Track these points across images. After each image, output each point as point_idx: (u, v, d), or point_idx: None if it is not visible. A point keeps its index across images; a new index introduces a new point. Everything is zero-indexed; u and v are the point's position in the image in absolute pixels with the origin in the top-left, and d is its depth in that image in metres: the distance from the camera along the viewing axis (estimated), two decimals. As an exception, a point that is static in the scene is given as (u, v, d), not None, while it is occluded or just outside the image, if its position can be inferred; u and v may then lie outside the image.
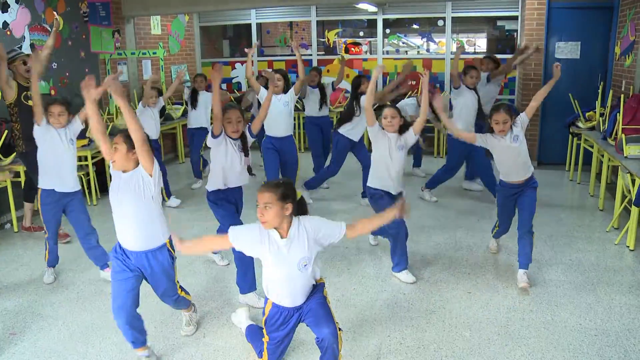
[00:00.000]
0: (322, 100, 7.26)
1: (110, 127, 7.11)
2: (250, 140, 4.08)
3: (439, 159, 8.53)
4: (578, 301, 3.91)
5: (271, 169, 6.03)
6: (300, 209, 2.84)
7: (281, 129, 6.00)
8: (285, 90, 6.02)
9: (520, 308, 3.82)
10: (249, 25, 10.14)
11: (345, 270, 4.58)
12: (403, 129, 4.33)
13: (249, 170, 4.15)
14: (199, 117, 7.36)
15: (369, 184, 4.52)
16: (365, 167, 6.36)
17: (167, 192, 6.55)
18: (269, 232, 2.76)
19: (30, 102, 5.15)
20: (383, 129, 4.32)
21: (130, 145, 3.06)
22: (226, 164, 3.96)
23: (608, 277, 4.31)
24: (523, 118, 4.50)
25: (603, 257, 4.73)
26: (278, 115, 5.91)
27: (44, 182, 4.35)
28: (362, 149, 6.37)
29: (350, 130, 6.14)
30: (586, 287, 4.14)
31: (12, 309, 4.03)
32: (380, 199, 4.37)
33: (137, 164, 3.09)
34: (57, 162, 4.32)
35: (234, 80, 10.41)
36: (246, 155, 4.01)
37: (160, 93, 6.71)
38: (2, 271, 4.72)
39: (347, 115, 6.13)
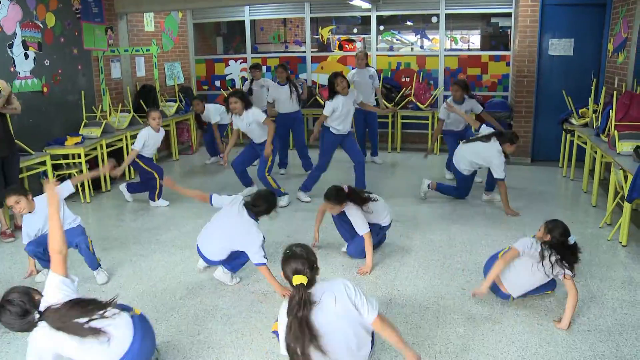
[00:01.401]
0: (293, 95, 7.70)
1: (104, 124, 7.10)
2: None
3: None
4: (571, 297, 3.92)
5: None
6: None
7: (256, 137, 6.55)
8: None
9: (514, 304, 3.84)
10: (243, 22, 10.12)
11: (339, 267, 4.59)
12: None
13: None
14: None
15: None
16: (358, 163, 6.38)
17: (158, 195, 6.50)
18: None
19: None
20: None
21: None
22: None
23: (601, 272, 4.33)
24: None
25: (596, 253, 4.75)
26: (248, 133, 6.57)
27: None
28: (352, 145, 6.38)
29: (336, 126, 6.25)
30: (579, 282, 4.15)
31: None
32: None
33: None
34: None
35: (227, 78, 10.38)
36: None
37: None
38: (-5, 269, 4.71)
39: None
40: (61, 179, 6.75)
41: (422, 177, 6.65)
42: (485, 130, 6.15)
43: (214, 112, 8.38)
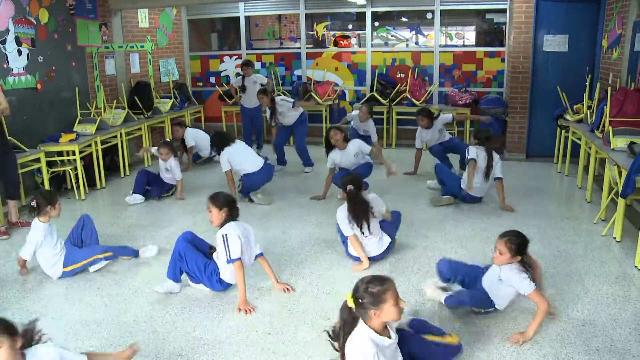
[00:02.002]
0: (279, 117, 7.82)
1: (98, 121, 7.07)
2: None
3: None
4: (566, 292, 3.94)
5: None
6: None
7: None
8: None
9: (509, 299, 3.84)
10: (237, 18, 10.10)
11: (335, 263, 4.59)
12: None
13: None
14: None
15: None
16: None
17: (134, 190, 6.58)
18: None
19: None
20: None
21: None
22: None
23: (595, 268, 4.35)
24: None
25: (590, 248, 4.77)
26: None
27: None
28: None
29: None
30: (573, 278, 4.17)
31: (0, 305, 4.01)
32: None
33: None
34: None
35: (222, 74, 10.37)
36: None
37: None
38: (-10, 267, 4.69)
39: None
40: (55, 176, 6.74)
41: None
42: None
43: (190, 136, 8.06)
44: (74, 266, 4.39)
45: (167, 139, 7.08)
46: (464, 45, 9.75)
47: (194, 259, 3.99)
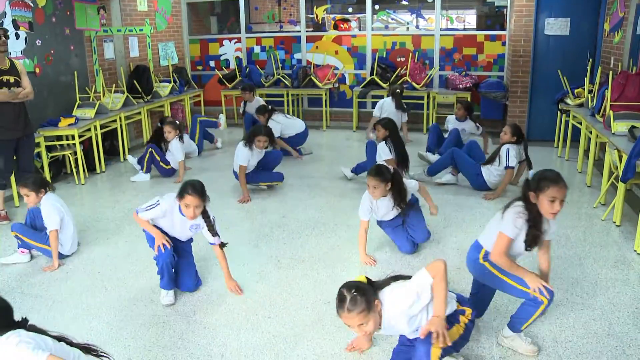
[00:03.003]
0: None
1: (97, 105, 7.05)
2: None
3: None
4: (565, 276, 3.95)
5: None
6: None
7: None
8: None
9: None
10: (237, 1, 10.01)
11: (335, 247, 4.60)
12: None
13: None
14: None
15: None
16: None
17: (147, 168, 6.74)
18: None
19: (4, 89, 5.07)
20: None
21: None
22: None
23: (595, 252, 4.36)
24: None
25: (590, 232, 4.77)
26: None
27: None
28: None
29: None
30: (573, 262, 4.18)
31: (0, 289, 4.02)
32: None
33: None
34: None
35: (222, 58, 10.31)
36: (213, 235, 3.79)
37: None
38: (-10, 251, 4.71)
39: None
40: (55, 161, 6.73)
41: (416, 155, 6.78)
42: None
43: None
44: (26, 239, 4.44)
45: (172, 119, 7.15)
46: (464, 29, 9.70)
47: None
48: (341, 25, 9.95)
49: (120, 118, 7.49)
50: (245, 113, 8.36)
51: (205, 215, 3.68)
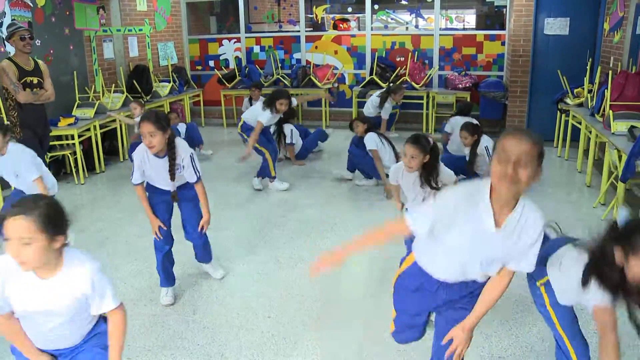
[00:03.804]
0: None
1: (97, 105, 7.05)
2: None
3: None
4: (564, 276, 3.94)
5: None
6: None
7: None
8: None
9: (512, 286, 3.84)
10: (236, 1, 10.00)
11: (335, 247, 4.58)
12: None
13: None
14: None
15: None
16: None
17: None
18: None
19: (27, 90, 5.05)
20: None
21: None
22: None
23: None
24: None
25: (590, 232, 4.76)
26: None
27: None
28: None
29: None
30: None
31: None
32: None
33: None
34: None
35: (221, 58, 10.31)
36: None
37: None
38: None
39: None
40: (54, 160, 6.72)
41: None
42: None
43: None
44: None
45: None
46: (464, 29, 9.70)
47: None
48: (340, 25, 9.95)
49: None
50: None
51: (170, 147, 3.48)
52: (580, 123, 6.52)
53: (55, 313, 2.06)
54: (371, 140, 5.87)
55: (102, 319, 2.25)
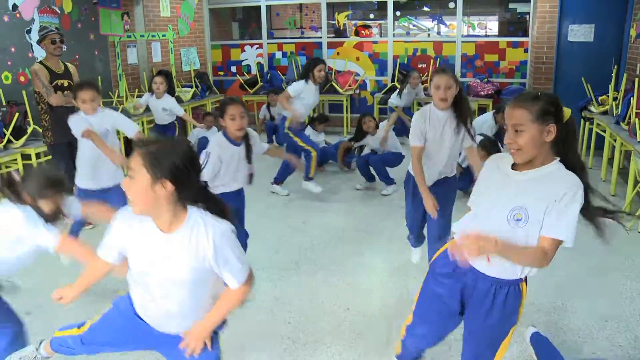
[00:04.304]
0: None
1: (120, 110, 7.12)
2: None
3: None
4: (588, 286, 3.89)
5: None
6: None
7: None
8: None
9: (530, 293, 3.80)
10: (259, 7, 10.07)
11: (355, 253, 4.58)
12: None
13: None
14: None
15: None
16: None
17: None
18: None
19: (58, 93, 5.11)
20: None
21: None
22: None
23: (619, 262, 4.29)
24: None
25: (614, 242, 4.67)
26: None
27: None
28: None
29: None
30: (596, 272, 4.12)
31: (26, 290, 4.06)
32: None
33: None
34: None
35: (243, 63, 10.37)
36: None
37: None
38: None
39: None
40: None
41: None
42: None
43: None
44: None
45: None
46: (486, 35, 9.64)
47: None
48: (362, 32, 9.95)
49: (142, 122, 7.55)
50: (270, 119, 8.34)
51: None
52: (604, 131, 6.43)
53: (173, 280, 1.97)
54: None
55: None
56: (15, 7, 6.09)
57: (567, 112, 2.02)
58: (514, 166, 2.10)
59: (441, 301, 2.32)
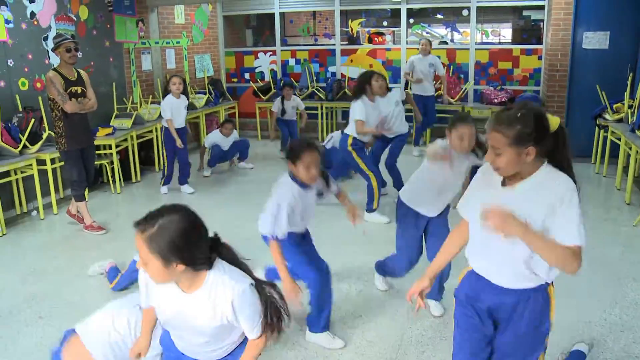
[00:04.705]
0: None
1: (134, 116, 7.18)
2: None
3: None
4: (603, 296, 3.85)
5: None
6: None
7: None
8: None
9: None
10: (272, 14, 10.12)
11: (368, 261, 4.56)
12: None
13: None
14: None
15: None
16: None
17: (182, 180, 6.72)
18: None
19: (72, 100, 5.15)
20: None
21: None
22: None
23: (635, 271, 4.24)
24: None
25: (629, 251, 4.65)
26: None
27: None
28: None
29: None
30: (612, 281, 4.08)
31: (39, 294, 4.10)
32: None
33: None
34: None
35: (257, 70, 10.41)
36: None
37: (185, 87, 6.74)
38: (30, 257, 4.81)
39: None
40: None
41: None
42: None
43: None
44: None
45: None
46: (500, 43, 9.61)
47: None
48: (376, 39, 9.96)
49: (156, 129, 7.61)
50: (282, 113, 8.37)
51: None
52: (619, 139, 6.38)
53: (195, 329, 2.07)
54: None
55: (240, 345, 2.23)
56: (33, 14, 6.16)
57: (554, 121, 2.01)
58: (504, 180, 2.08)
59: (476, 328, 2.25)
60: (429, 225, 3.56)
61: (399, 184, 6.15)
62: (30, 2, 6.12)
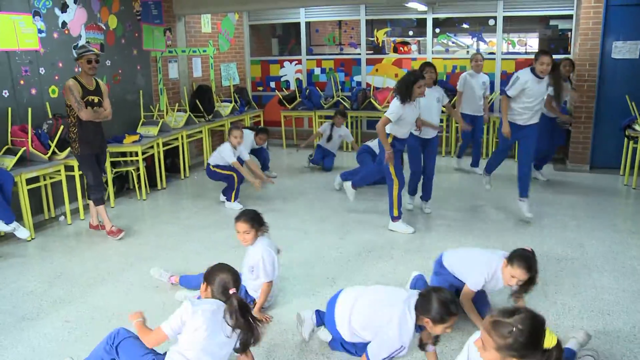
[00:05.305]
0: None
1: (161, 123, 7.26)
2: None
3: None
4: (632, 310, 3.77)
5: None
6: None
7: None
8: None
9: (570, 315, 3.72)
10: (298, 24, 10.18)
11: (391, 272, 4.54)
12: None
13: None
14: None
15: None
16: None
17: (235, 196, 6.43)
18: None
19: (89, 108, 5.25)
20: None
21: None
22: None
23: (664, 286, 4.15)
24: None
25: (659, 265, 4.55)
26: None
27: None
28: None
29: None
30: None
31: (65, 298, 4.16)
32: None
33: None
34: None
35: (282, 79, 10.47)
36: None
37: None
38: (56, 262, 4.88)
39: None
40: (119, 176, 6.95)
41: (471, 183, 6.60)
42: None
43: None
44: None
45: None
46: (526, 53, 9.52)
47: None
48: (401, 48, 9.95)
49: (182, 136, 7.69)
50: (328, 139, 8.24)
51: None
52: (649, 151, 6.26)
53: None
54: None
55: None
56: (64, 24, 6.29)
57: (551, 340, 2.08)
58: None
59: None
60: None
61: (427, 197, 6.16)
62: (62, 12, 6.25)
